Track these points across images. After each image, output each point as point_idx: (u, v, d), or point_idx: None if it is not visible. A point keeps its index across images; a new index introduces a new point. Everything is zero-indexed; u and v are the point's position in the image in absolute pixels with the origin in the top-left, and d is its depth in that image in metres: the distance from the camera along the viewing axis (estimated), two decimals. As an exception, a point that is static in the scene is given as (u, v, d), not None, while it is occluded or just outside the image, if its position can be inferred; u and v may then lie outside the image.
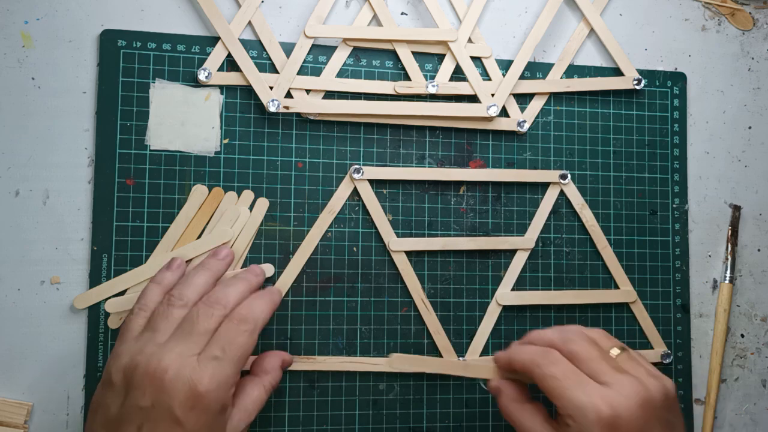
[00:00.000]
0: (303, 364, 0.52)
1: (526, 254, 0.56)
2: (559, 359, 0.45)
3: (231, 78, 0.52)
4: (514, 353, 0.47)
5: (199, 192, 0.51)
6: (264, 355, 0.49)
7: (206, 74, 0.51)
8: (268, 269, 0.51)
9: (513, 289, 0.55)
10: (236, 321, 0.43)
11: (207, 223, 0.51)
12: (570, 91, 0.58)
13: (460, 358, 0.54)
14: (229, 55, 0.52)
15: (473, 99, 0.56)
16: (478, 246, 0.55)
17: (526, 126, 0.56)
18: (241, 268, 0.51)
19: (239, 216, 0.51)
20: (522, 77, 0.56)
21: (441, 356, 0.54)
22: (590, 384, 0.43)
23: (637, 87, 0.58)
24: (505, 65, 0.57)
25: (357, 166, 0.53)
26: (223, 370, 0.41)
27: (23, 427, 0.48)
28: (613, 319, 0.57)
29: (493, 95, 0.56)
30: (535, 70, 0.57)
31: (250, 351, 0.43)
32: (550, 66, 0.58)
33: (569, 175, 0.57)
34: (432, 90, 0.55)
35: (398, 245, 0.54)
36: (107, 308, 0.49)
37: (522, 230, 0.56)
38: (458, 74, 0.56)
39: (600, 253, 0.57)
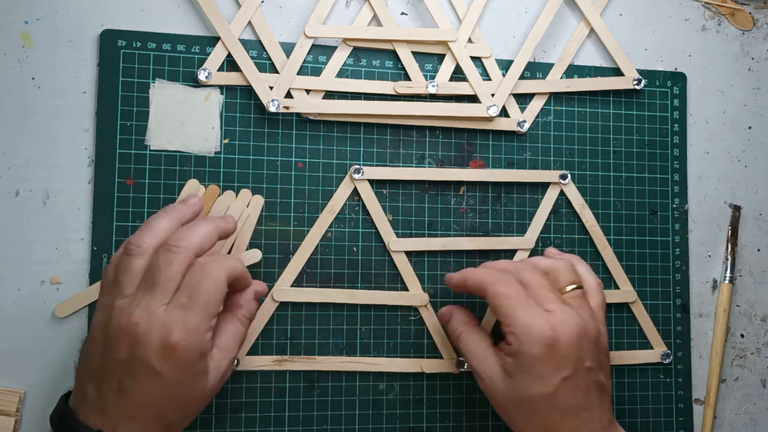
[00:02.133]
0: (303, 363, 0.52)
1: (526, 254, 0.56)
2: (512, 281, 0.48)
3: (231, 78, 0.52)
4: (469, 272, 0.50)
5: (191, 186, 0.51)
6: (237, 294, 0.47)
7: (206, 74, 0.51)
8: (255, 255, 0.51)
9: None
10: (199, 267, 0.42)
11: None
12: (570, 91, 0.58)
13: (460, 358, 0.54)
14: (229, 55, 0.52)
15: (473, 99, 0.56)
16: (478, 246, 0.55)
17: (526, 126, 0.56)
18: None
19: (241, 214, 0.51)
20: (522, 77, 0.56)
21: (441, 357, 0.54)
22: (536, 308, 0.46)
23: (637, 87, 0.58)
24: (505, 65, 0.57)
25: (357, 167, 0.53)
26: (193, 318, 0.41)
27: (15, 415, 0.48)
28: (613, 319, 0.57)
29: (493, 95, 0.56)
30: (535, 70, 0.57)
31: (218, 295, 0.42)
32: (550, 66, 0.58)
33: (569, 175, 0.57)
34: (432, 90, 0.55)
35: (398, 245, 0.54)
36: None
37: (522, 230, 0.56)
38: (458, 74, 0.56)
39: (600, 253, 0.57)
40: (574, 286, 0.49)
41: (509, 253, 0.56)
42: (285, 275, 0.52)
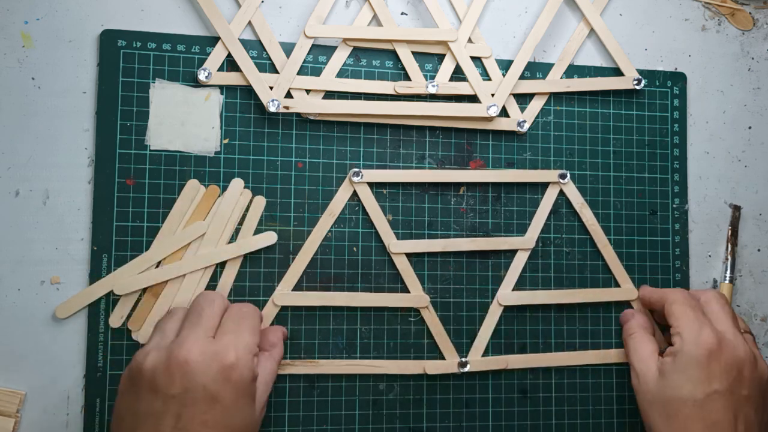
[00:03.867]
0: (304, 367, 0.52)
1: (526, 254, 0.56)
2: (693, 301, 0.52)
3: (231, 78, 0.52)
4: (661, 291, 0.54)
5: (191, 187, 0.51)
6: (267, 330, 0.50)
7: (206, 74, 0.51)
8: (270, 237, 0.52)
9: (514, 289, 0.55)
10: (237, 306, 0.47)
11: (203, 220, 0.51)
12: (570, 91, 0.58)
13: (462, 359, 0.54)
14: (229, 55, 0.52)
15: (473, 99, 0.56)
16: (478, 247, 0.55)
17: (526, 126, 0.56)
18: (239, 268, 0.51)
19: (233, 208, 0.52)
20: (522, 77, 0.56)
21: (444, 358, 0.54)
22: (708, 323, 0.49)
23: (637, 87, 0.58)
24: (505, 65, 0.57)
25: (356, 170, 0.53)
26: (243, 339, 0.43)
27: (15, 416, 0.48)
28: (614, 319, 0.57)
29: (493, 95, 0.56)
30: (535, 70, 0.57)
31: (259, 322, 0.46)
32: (550, 66, 0.58)
33: (568, 175, 0.57)
34: (432, 90, 0.55)
35: (398, 247, 0.54)
36: (116, 291, 0.49)
37: (522, 230, 0.56)
38: (458, 74, 0.56)
39: (600, 251, 0.57)
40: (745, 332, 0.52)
41: (509, 253, 0.56)
42: (285, 279, 0.52)
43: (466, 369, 0.53)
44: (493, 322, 0.54)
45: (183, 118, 0.51)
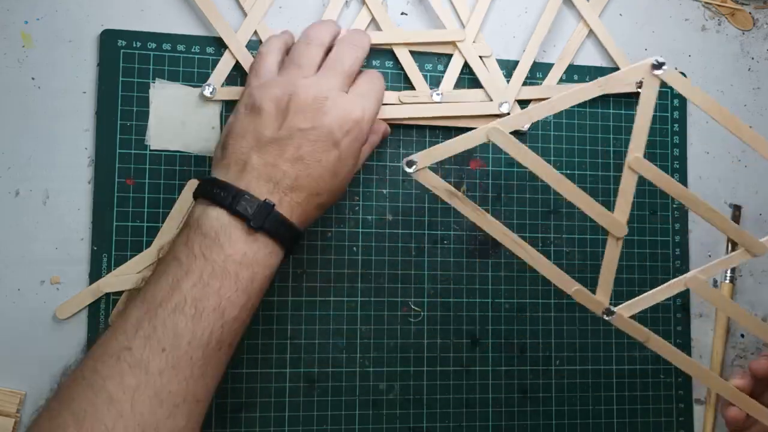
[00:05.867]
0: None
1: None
2: None
3: (235, 93, 0.52)
4: None
5: (191, 186, 0.51)
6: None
7: (210, 90, 0.51)
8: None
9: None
10: (372, 72, 0.50)
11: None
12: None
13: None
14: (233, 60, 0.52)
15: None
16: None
17: (527, 126, 0.56)
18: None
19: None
20: (522, 77, 0.56)
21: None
22: None
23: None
24: (505, 65, 0.57)
25: (410, 158, 0.47)
26: (369, 105, 0.47)
27: (15, 416, 0.48)
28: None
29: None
30: (535, 70, 0.57)
31: (383, 97, 0.49)
32: (549, 66, 0.58)
33: (665, 62, 0.43)
34: (436, 99, 0.54)
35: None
36: (103, 288, 0.49)
37: (522, 230, 0.56)
38: (463, 74, 0.55)
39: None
40: None
41: (509, 253, 0.53)
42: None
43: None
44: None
45: (183, 118, 0.51)
